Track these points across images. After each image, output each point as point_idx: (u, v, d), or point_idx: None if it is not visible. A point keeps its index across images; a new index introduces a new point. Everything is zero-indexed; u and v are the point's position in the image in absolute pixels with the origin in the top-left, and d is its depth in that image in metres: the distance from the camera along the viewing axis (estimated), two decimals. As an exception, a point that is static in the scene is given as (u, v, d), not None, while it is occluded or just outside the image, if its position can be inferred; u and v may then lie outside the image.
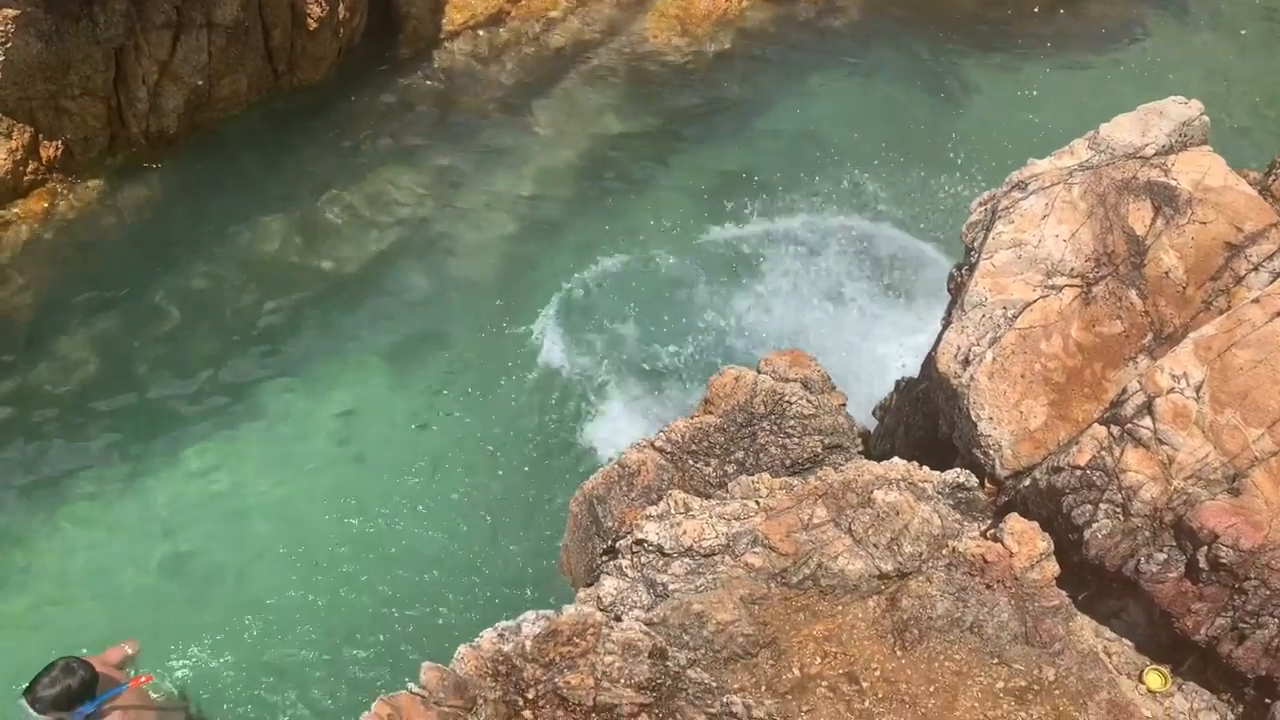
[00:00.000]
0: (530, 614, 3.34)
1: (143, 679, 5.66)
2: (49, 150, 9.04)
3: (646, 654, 3.41)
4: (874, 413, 6.76)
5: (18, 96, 8.60)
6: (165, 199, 9.36)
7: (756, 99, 11.39)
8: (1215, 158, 4.96)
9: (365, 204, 9.60)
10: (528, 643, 3.28)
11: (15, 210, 8.96)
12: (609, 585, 4.19)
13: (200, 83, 9.62)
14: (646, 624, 3.69)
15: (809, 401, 5.63)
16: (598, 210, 9.85)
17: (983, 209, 5.22)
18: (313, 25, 10.30)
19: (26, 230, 8.88)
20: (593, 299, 9.04)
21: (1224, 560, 3.82)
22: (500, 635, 3.29)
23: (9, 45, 8.22)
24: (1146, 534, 4.04)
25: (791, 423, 5.54)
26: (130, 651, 5.89)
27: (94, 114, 9.17)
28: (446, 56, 11.14)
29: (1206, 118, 5.08)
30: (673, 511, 4.44)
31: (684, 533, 4.26)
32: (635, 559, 4.28)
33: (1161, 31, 13.50)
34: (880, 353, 8.20)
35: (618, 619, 3.93)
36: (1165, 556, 3.99)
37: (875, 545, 4.13)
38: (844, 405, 5.69)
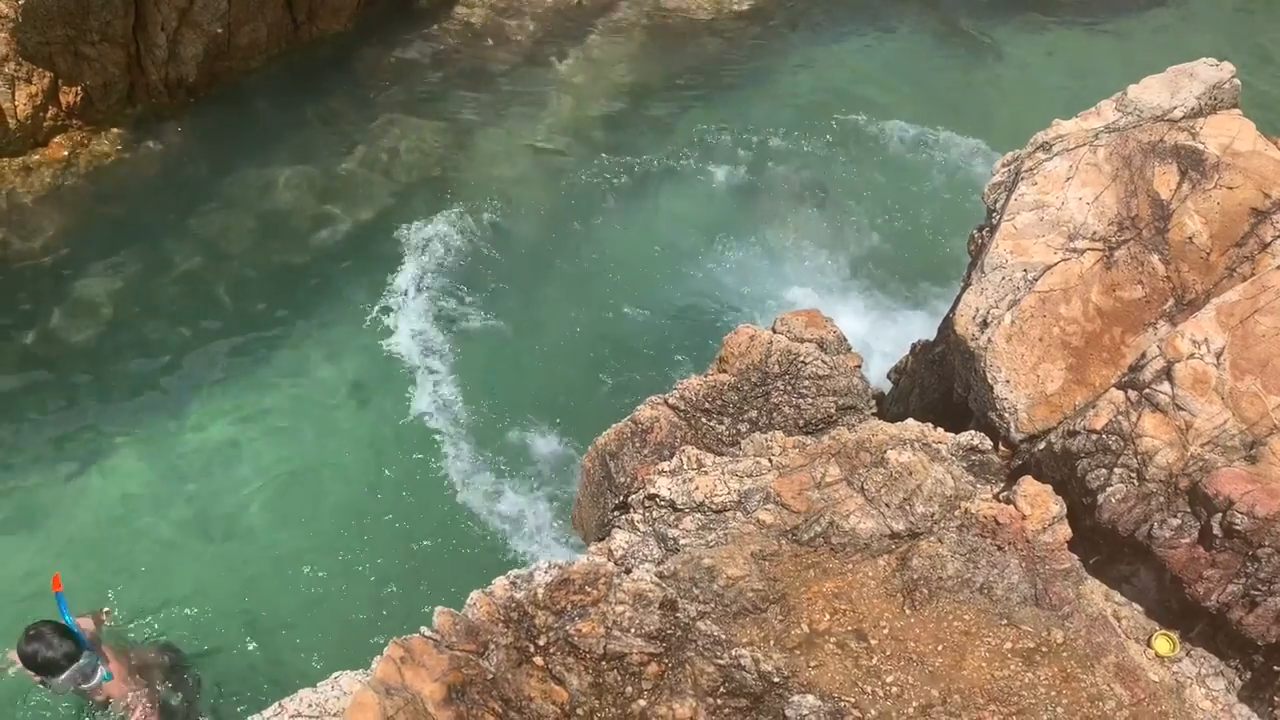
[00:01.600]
0: (543, 562, 3.36)
1: (103, 613, 5.80)
2: (69, 96, 9.02)
3: (657, 605, 3.43)
4: (889, 375, 6.73)
5: (37, 41, 8.58)
6: (184, 149, 9.35)
7: (778, 56, 11.27)
8: (1245, 121, 4.88)
9: (384, 155, 9.58)
10: (540, 590, 3.30)
11: (36, 157, 8.97)
12: (620, 539, 4.21)
13: (219, 30, 9.57)
14: (657, 576, 3.71)
15: (824, 362, 5.60)
16: (614, 171, 9.79)
17: (1005, 170, 5.16)
18: (333, -26, 10.23)
19: (48, 177, 8.89)
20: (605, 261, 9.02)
21: (1238, 527, 3.80)
22: (513, 582, 3.32)
23: (29, -11, 8.18)
24: (1161, 499, 4.02)
25: (806, 383, 5.52)
26: (106, 623, 5.91)
27: (113, 60, 9.14)
28: (466, 9, 11.06)
29: (1238, 80, 5.00)
30: (685, 467, 4.44)
31: (696, 488, 4.26)
32: (647, 514, 4.29)
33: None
34: None
35: (628, 571, 3.95)
36: (1179, 522, 3.97)
37: (887, 505, 4.13)
38: (859, 367, 5.67)
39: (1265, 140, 4.83)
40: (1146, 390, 4.11)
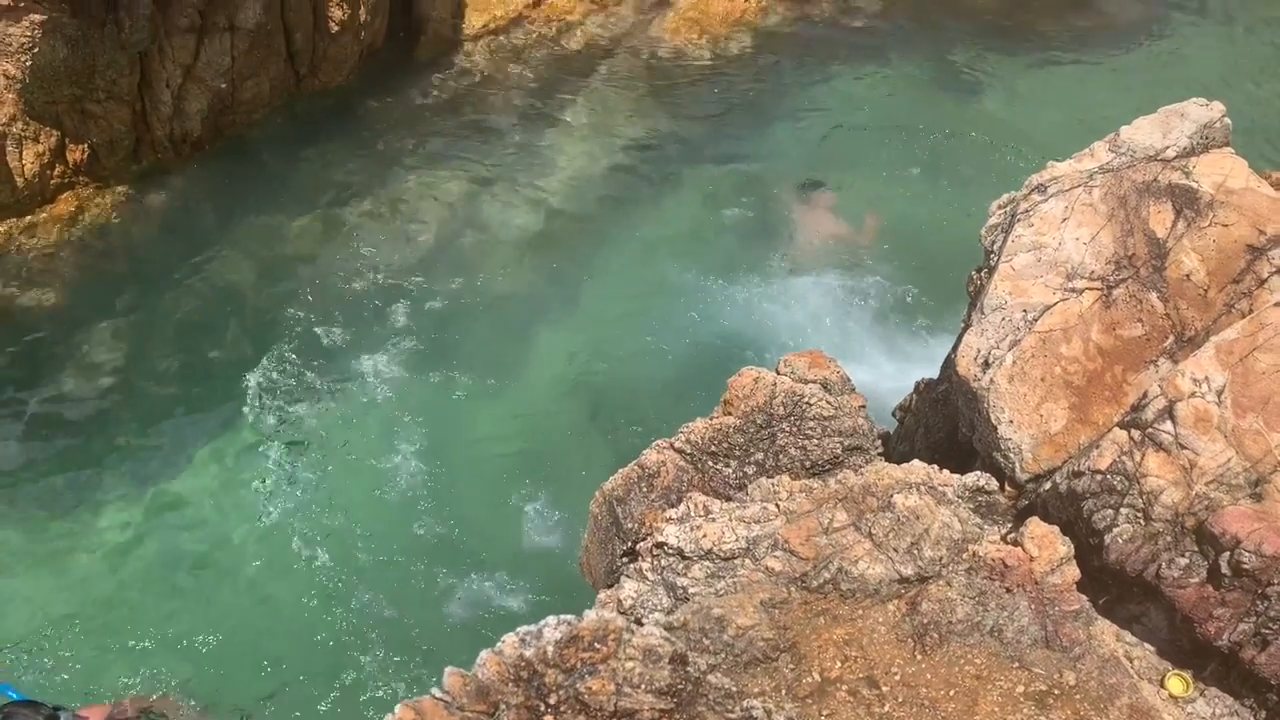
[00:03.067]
0: (551, 619, 3.37)
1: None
2: (75, 154, 9.14)
3: (667, 659, 3.43)
4: (894, 413, 6.75)
5: (44, 100, 8.70)
6: (189, 202, 9.47)
7: (774, 100, 11.39)
8: (1237, 160, 4.93)
9: (385, 206, 9.68)
10: (549, 648, 3.31)
11: (43, 215, 9.07)
12: (629, 588, 4.22)
13: (223, 86, 9.71)
14: (667, 628, 3.71)
15: (828, 403, 5.62)
16: (617, 214, 9.87)
17: (1001, 212, 5.21)
18: (334, 28, 10.38)
19: (55, 234, 8.99)
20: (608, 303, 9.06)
21: (1246, 566, 3.81)
22: (522, 640, 3.33)
23: (35, 50, 8.31)
24: (1168, 539, 4.03)
25: (811, 424, 5.54)
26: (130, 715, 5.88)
27: (119, 117, 9.26)
28: (466, 59, 11.21)
29: (1228, 120, 5.06)
30: (692, 514, 4.46)
31: (704, 536, 4.27)
32: (655, 562, 4.30)
33: (1179, 29, 13.41)
34: None
35: (638, 622, 3.95)
36: (1187, 561, 3.98)
37: (895, 549, 4.14)
38: (864, 407, 5.69)
39: (1257, 177, 4.88)
40: (1149, 430, 4.13)
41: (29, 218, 9.00)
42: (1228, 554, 3.86)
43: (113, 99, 9.11)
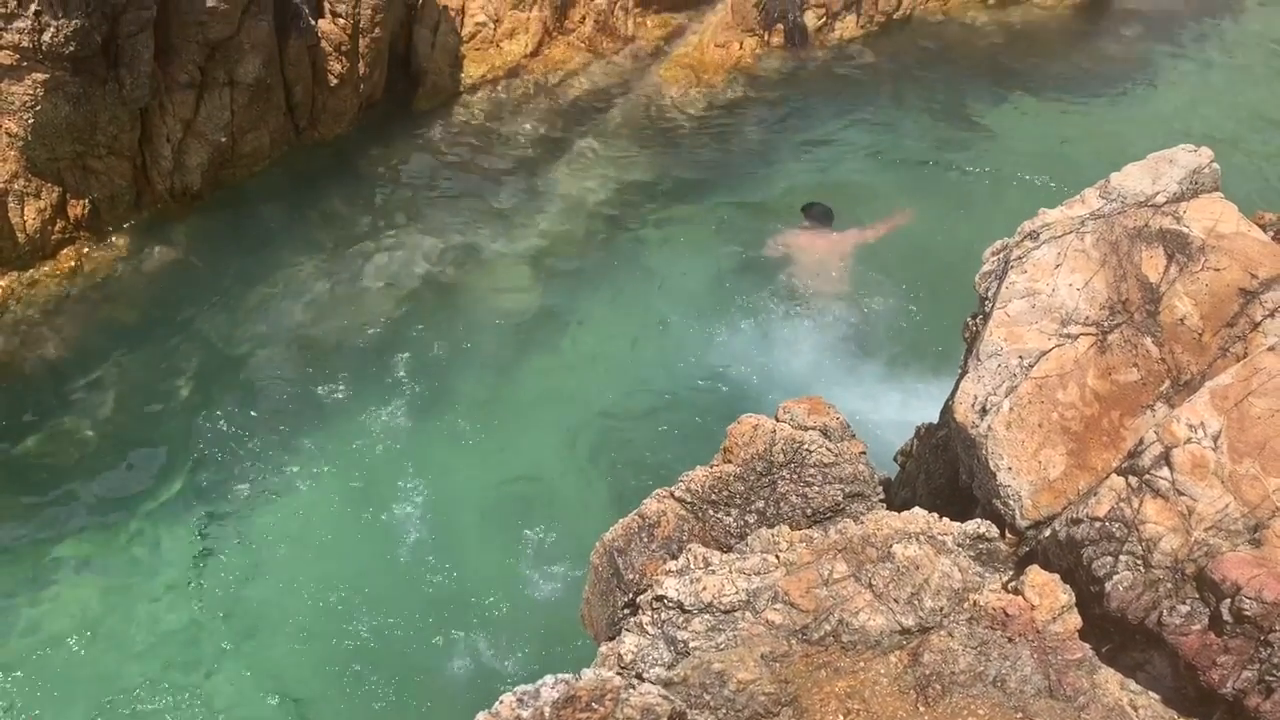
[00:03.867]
0: (549, 678, 3.35)
1: None
2: (76, 209, 9.22)
3: (665, 718, 3.41)
4: (895, 458, 6.75)
5: (46, 157, 8.80)
6: (189, 254, 9.54)
7: (769, 144, 11.50)
8: (1227, 204, 4.98)
9: (384, 256, 9.75)
10: (546, 709, 3.29)
11: (44, 269, 9.13)
12: (630, 642, 4.20)
13: (223, 140, 9.82)
14: (667, 684, 3.69)
15: (828, 449, 5.62)
16: (616, 262, 9.93)
17: (995, 258, 5.24)
18: (333, 82, 10.52)
19: (55, 287, 9.05)
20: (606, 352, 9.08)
21: (1247, 612, 3.79)
22: (519, 700, 3.31)
23: (38, 108, 8.42)
24: (1168, 586, 4.02)
25: (811, 471, 5.53)
26: None
27: (120, 173, 9.36)
28: (464, 109, 11.33)
29: (1217, 165, 5.10)
30: (692, 566, 4.45)
31: (704, 589, 4.26)
32: (655, 615, 4.29)
33: (1173, 68, 13.59)
34: None
35: (639, 677, 3.94)
36: (1188, 609, 3.96)
37: (896, 600, 4.13)
38: (864, 453, 5.68)
39: (1247, 221, 4.92)
40: (1146, 476, 4.13)
41: (30, 272, 9.05)
42: (1228, 601, 3.85)
43: (114, 154, 9.21)
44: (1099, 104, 12.89)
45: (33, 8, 7.92)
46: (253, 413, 8.30)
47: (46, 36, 8.04)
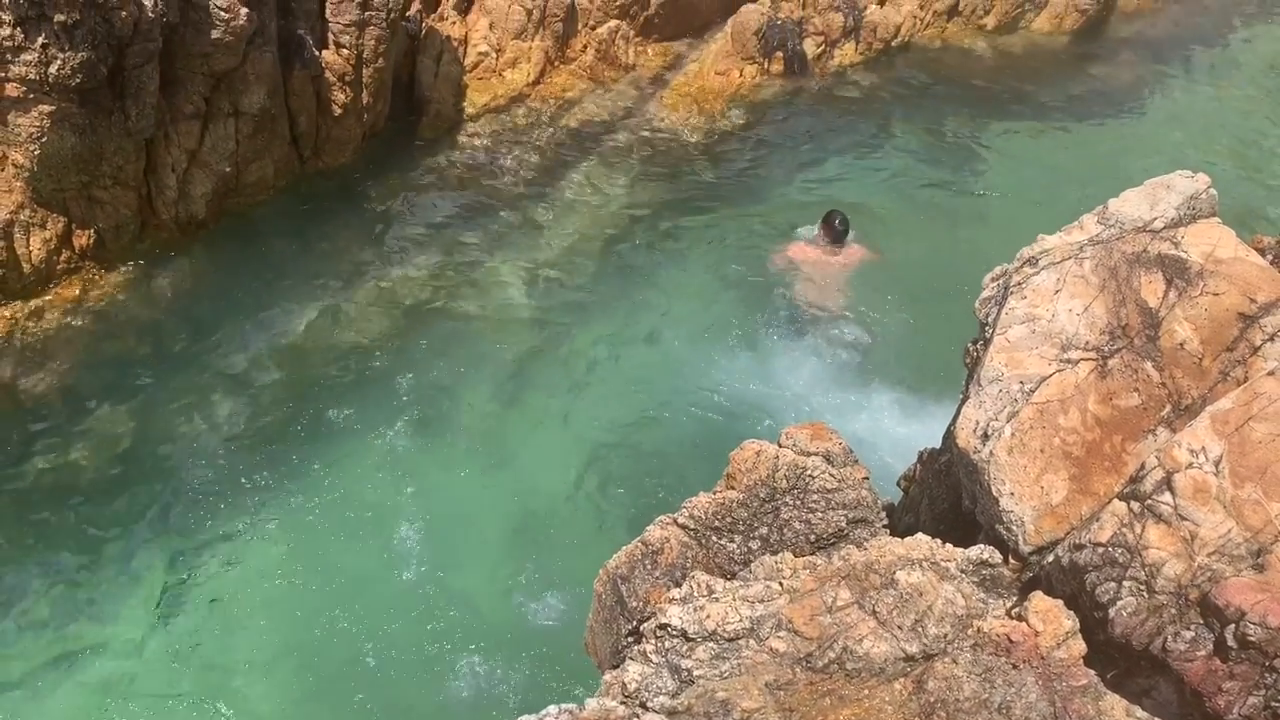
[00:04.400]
0: (553, 708, 3.36)
1: None
2: (82, 239, 9.28)
3: (672, 745, 3.42)
4: (898, 483, 6.76)
5: (52, 188, 8.86)
6: (194, 283, 9.58)
7: (770, 170, 11.58)
8: (1224, 229, 5.01)
9: (390, 285, 9.80)
10: (553, 736, 3.30)
11: (49, 297, 9.16)
12: (633, 671, 4.19)
13: (228, 169, 9.89)
14: (671, 712, 3.69)
15: (831, 475, 5.63)
16: (618, 288, 9.98)
17: (994, 284, 5.27)
18: (337, 111, 10.60)
19: (59, 316, 9.08)
20: (609, 377, 9.11)
21: (1252, 638, 3.79)
22: (525, 729, 3.32)
23: (44, 139, 8.48)
24: (1172, 611, 4.02)
25: (815, 497, 5.54)
26: None
27: (125, 203, 9.42)
28: (468, 138, 11.42)
29: (1213, 191, 5.14)
30: (696, 594, 4.45)
31: (707, 616, 4.27)
32: (659, 643, 4.29)
33: (1168, 94, 13.70)
34: None
35: (643, 706, 3.93)
36: (1193, 634, 3.96)
37: (900, 627, 4.13)
38: (867, 478, 5.70)
39: (1245, 246, 4.95)
40: (1149, 501, 4.14)
41: (35, 301, 9.10)
42: (1233, 626, 3.85)
43: (119, 185, 9.27)
44: (1096, 129, 12.98)
45: (40, 40, 8.00)
46: (255, 439, 8.32)
47: (53, 69, 8.12)
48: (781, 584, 4.43)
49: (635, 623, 5.14)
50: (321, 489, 7.99)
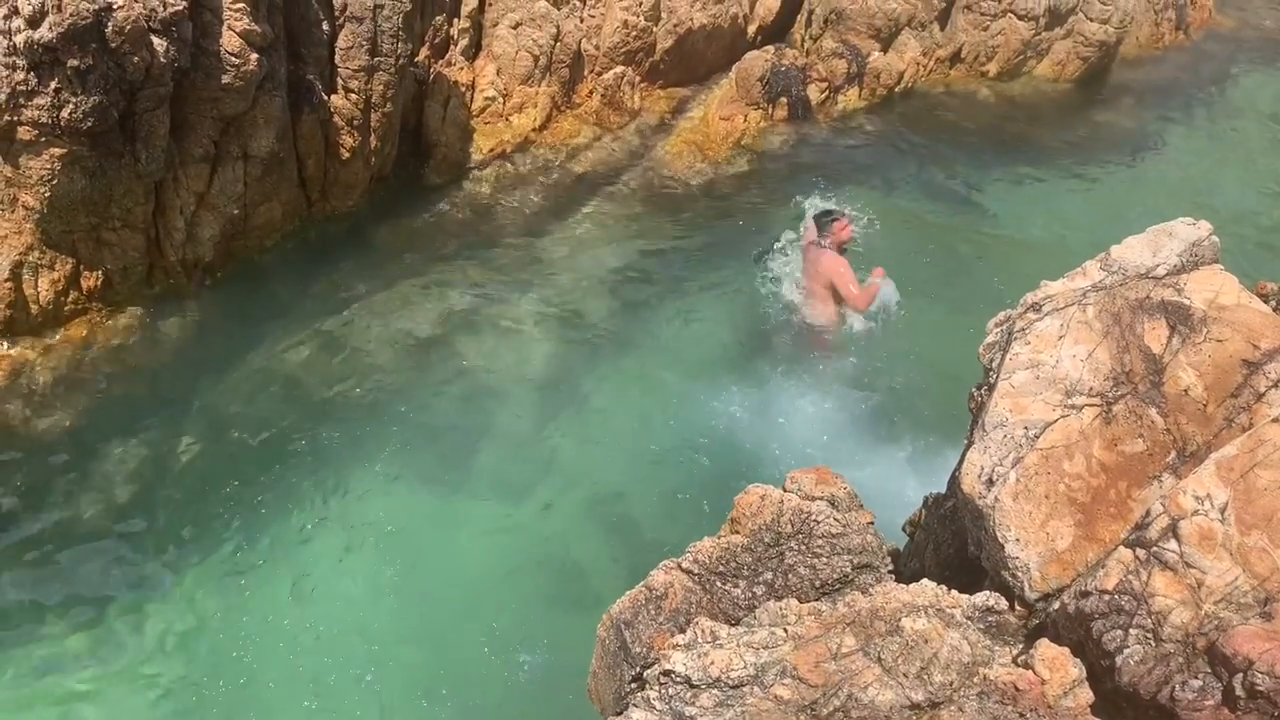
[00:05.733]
0: (558, 756, 3.34)
1: None
2: (89, 280, 9.33)
3: (675, 794, 3.38)
4: (903, 528, 6.73)
5: (61, 230, 8.93)
6: (201, 326, 9.63)
7: (774, 215, 11.65)
8: (1227, 276, 5.02)
9: (397, 329, 9.84)
10: (556, 784, 3.27)
11: (56, 338, 9.21)
12: (637, 718, 4.16)
13: (236, 212, 9.96)
14: (675, 761, 3.66)
15: (836, 520, 5.61)
16: (622, 330, 10.01)
17: (998, 329, 5.29)
18: (345, 155, 10.69)
19: (65, 357, 9.12)
20: (612, 419, 9.11)
21: (1260, 687, 3.75)
22: (528, 778, 3.29)
23: (55, 182, 8.56)
24: (1180, 660, 3.99)
25: (819, 542, 5.52)
26: None
27: (133, 245, 9.48)
28: (475, 183, 11.52)
29: (1216, 238, 5.17)
30: (700, 640, 4.43)
31: (712, 663, 4.24)
32: (663, 690, 4.25)
33: (1170, 140, 13.81)
34: None
35: (647, 753, 3.89)
36: (1200, 684, 3.93)
37: (905, 674, 4.10)
38: (872, 524, 5.68)
39: (1248, 293, 4.97)
40: (1154, 548, 4.13)
41: (42, 341, 9.14)
42: (1241, 675, 3.81)
43: (128, 227, 9.34)
44: (1098, 175, 13.07)
45: (53, 84, 8.11)
46: (256, 482, 8.31)
47: (65, 112, 8.21)
48: (786, 630, 4.41)
49: (639, 669, 5.10)
50: (319, 534, 7.98)
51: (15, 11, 7.84)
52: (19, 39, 7.86)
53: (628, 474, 8.58)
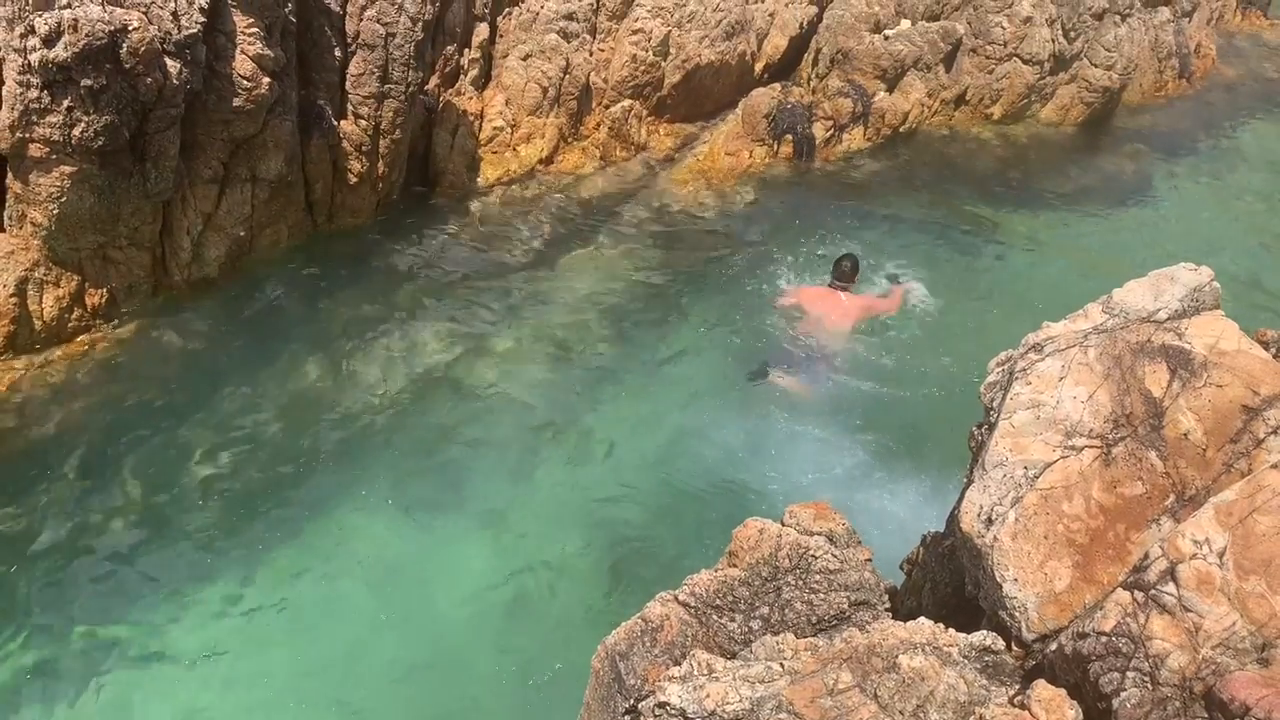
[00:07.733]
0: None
1: None
2: (94, 298, 9.37)
3: (669, 827, 3.36)
4: (901, 566, 6.72)
5: (68, 247, 8.98)
6: (203, 340, 9.66)
7: (778, 248, 11.70)
8: (1228, 322, 5.05)
9: (398, 349, 9.87)
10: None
11: (57, 353, 9.23)
12: (631, 749, 4.14)
13: (242, 233, 10.03)
14: (669, 793, 3.63)
15: (834, 556, 5.61)
16: (624, 360, 10.03)
17: (999, 369, 5.31)
18: (353, 180, 10.78)
19: (65, 370, 9.14)
20: (613, 448, 9.11)
21: (1257, 734, 3.74)
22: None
23: (64, 199, 8.63)
24: (1177, 704, 3.97)
25: (817, 578, 5.52)
26: None
27: (139, 263, 9.54)
28: (480, 209, 11.59)
29: (1217, 284, 5.20)
30: (696, 673, 4.41)
31: (707, 696, 4.22)
32: (658, 722, 4.23)
33: (1172, 185, 13.91)
34: None
35: (640, 786, 3.87)
36: (1197, 728, 3.91)
37: (901, 712, 4.08)
38: (870, 560, 5.67)
39: (1249, 339, 4.99)
40: (1152, 591, 4.12)
41: (44, 356, 9.15)
42: (1238, 721, 3.80)
43: (134, 245, 9.39)
44: (1100, 219, 13.15)
45: (66, 103, 8.18)
46: (255, 497, 8.29)
47: (77, 131, 8.28)
48: (783, 665, 4.40)
49: (633, 701, 5.08)
50: (317, 550, 7.95)
51: (31, 31, 7.93)
52: (34, 57, 7.94)
53: (625, 505, 8.56)
